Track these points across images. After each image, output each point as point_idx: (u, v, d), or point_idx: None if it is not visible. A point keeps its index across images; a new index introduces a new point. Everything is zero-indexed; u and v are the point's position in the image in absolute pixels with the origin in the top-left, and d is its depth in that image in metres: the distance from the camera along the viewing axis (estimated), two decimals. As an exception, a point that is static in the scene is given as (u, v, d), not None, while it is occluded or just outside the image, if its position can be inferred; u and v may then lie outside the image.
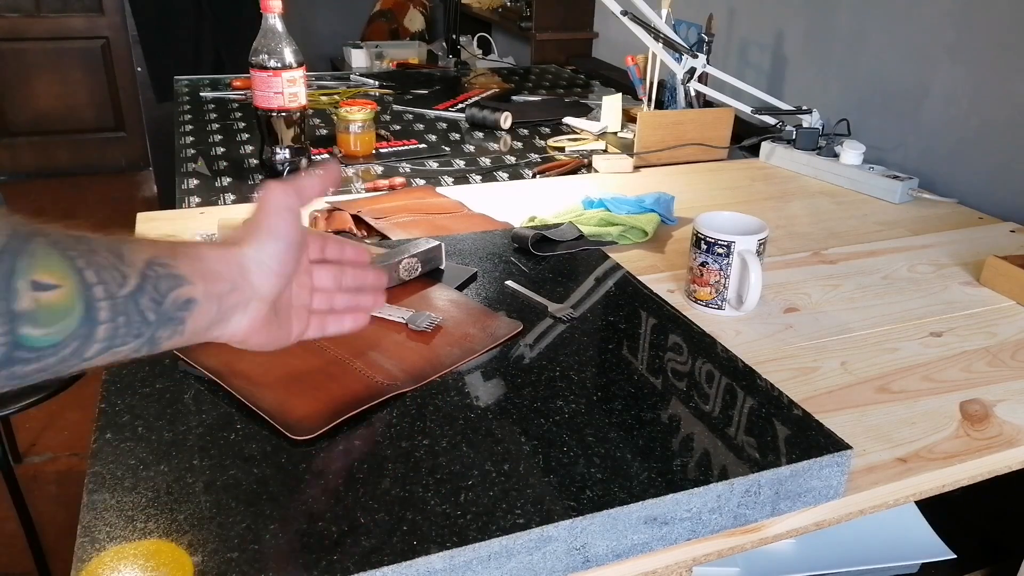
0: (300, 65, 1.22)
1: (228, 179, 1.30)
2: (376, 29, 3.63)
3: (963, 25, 1.28)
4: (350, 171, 1.36)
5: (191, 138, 1.52)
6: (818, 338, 0.83)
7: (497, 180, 1.35)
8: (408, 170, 1.38)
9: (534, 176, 1.37)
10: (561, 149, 1.53)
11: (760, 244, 0.84)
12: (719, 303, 0.86)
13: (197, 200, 1.21)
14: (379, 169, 1.38)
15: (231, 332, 0.50)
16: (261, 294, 0.51)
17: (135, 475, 0.55)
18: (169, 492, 0.54)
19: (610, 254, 0.96)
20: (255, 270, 0.50)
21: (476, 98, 1.86)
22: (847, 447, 0.60)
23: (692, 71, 1.47)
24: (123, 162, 3.95)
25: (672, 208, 1.13)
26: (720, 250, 0.84)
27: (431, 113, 1.77)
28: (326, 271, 0.58)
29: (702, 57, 1.46)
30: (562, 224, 1.00)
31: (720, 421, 0.63)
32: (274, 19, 1.19)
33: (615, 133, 1.63)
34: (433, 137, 1.59)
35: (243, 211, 1.03)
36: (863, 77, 1.49)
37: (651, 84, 1.55)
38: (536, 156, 1.48)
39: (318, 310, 0.58)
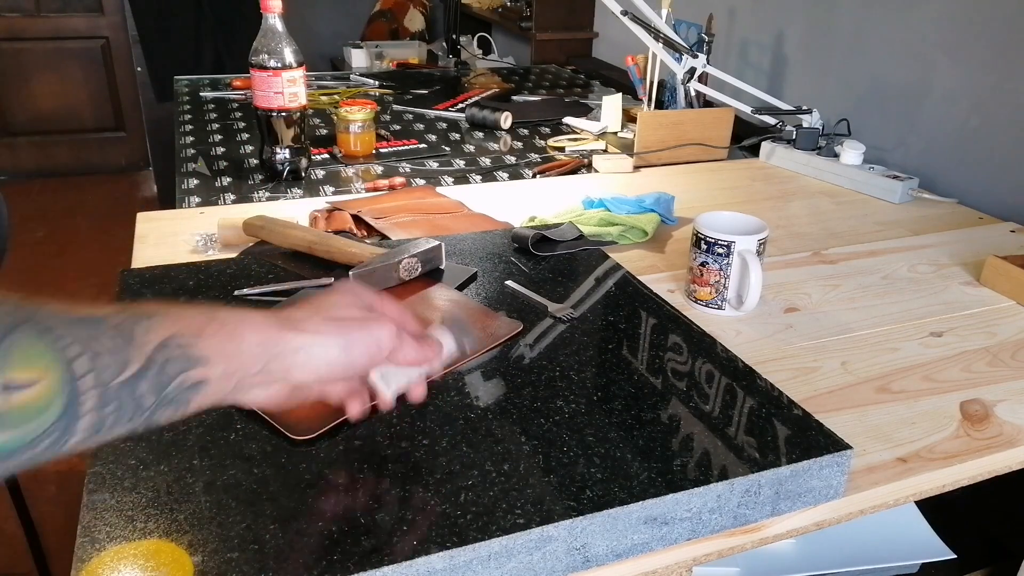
0: (300, 65, 1.22)
1: (228, 179, 1.30)
2: (376, 29, 3.63)
3: (963, 25, 1.28)
4: (350, 171, 1.36)
5: (191, 138, 1.52)
6: (818, 338, 0.83)
7: (497, 180, 1.35)
8: (408, 170, 1.38)
9: (534, 176, 1.37)
10: (561, 149, 1.53)
11: (760, 244, 0.84)
12: (719, 303, 0.86)
13: (197, 200, 1.21)
14: (379, 169, 1.38)
15: (245, 402, 0.48)
16: (292, 380, 0.48)
17: (135, 475, 0.55)
18: (169, 492, 0.54)
19: (610, 254, 0.96)
20: (299, 364, 0.47)
21: (476, 98, 1.86)
22: (847, 447, 0.60)
23: (692, 71, 1.47)
24: (123, 162, 3.95)
25: (672, 208, 1.13)
26: (720, 250, 0.84)
27: (431, 113, 1.77)
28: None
29: (702, 57, 1.46)
30: (562, 224, 1.00)
31: (720, 421, 0.63)
32: (274, 19, 1.19)
33: (615, 133, 1.62)
34: (433, 137, 1.59)
35: (242, 211, 1.03)
36: (863, 77, 1.49)
37: (651, 84, 1.55)
38: (536, 156, 1.48)
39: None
